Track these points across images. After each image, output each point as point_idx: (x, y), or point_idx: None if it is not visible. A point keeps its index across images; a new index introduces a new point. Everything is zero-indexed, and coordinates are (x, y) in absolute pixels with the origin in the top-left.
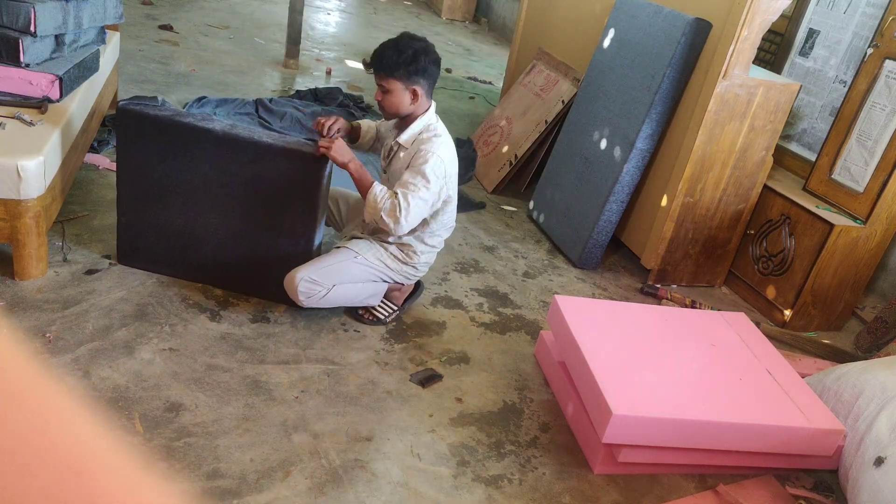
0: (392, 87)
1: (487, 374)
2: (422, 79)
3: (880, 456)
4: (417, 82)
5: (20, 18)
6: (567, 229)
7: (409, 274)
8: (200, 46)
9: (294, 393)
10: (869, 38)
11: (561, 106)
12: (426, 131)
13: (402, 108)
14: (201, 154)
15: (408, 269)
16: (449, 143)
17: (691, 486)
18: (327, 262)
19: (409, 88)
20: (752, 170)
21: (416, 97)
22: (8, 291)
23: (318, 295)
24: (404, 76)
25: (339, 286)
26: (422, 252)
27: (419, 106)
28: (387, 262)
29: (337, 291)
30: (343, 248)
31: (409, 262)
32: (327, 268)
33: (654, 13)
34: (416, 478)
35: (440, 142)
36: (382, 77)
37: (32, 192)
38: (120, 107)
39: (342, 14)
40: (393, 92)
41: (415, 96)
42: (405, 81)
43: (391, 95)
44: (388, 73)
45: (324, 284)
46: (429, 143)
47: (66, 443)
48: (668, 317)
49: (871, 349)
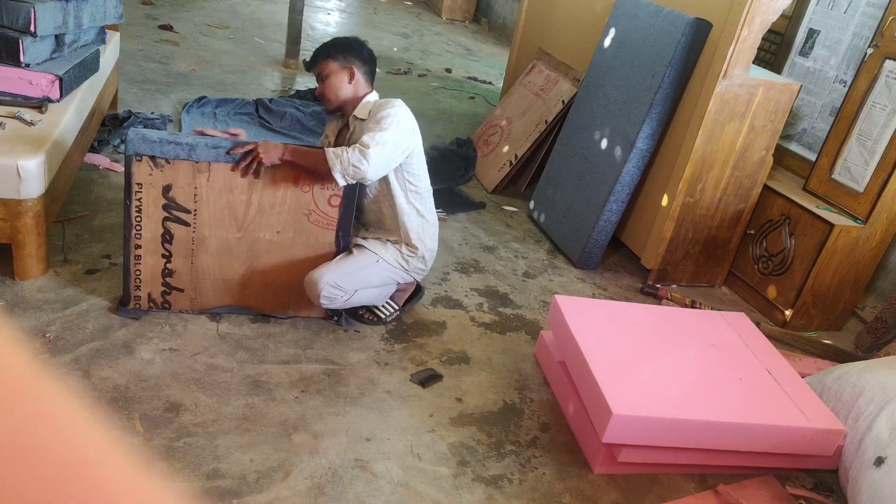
0: (327, 69)
1: (487, 374)
2: (357, 60)
3: (880, 456)
4: (352, 62)
5: (20, 18)
6: (567, 229)
7: (419, 269)
8: (200, 46)
9: (294, 393)
10: (869, 38)
11: (561, 106)
12: (378, 103)
13: (342, 90)
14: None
15: (418, 264)
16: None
17: (691, 486)
18: (352, 267)
19: (345, 68)
20: (752, 170)
21: (352, 76)
22: (8, 291)
23: (341, 300)
24: (339, 57)
25: (361, 291)
26: (425, 233)
27: (358, 87)
28: (402, 264)
29: (358, 295)
30: (363, 249)
31: (418, 254)
32: (352, 273)
33: (655, 13)
34: (416, 478)
35: (396, 103)
36: (319, 66)
37: (32, 192)
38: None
39: (342, 14)
40: (329, 75)
41: (351, 75)
42: (340, 61)
43: (329, 80)
44: (322, 57)
45: (347, 290)
46: (386, 107)
47: (66, 443)
48: (668, 317)
49: (871, 349)
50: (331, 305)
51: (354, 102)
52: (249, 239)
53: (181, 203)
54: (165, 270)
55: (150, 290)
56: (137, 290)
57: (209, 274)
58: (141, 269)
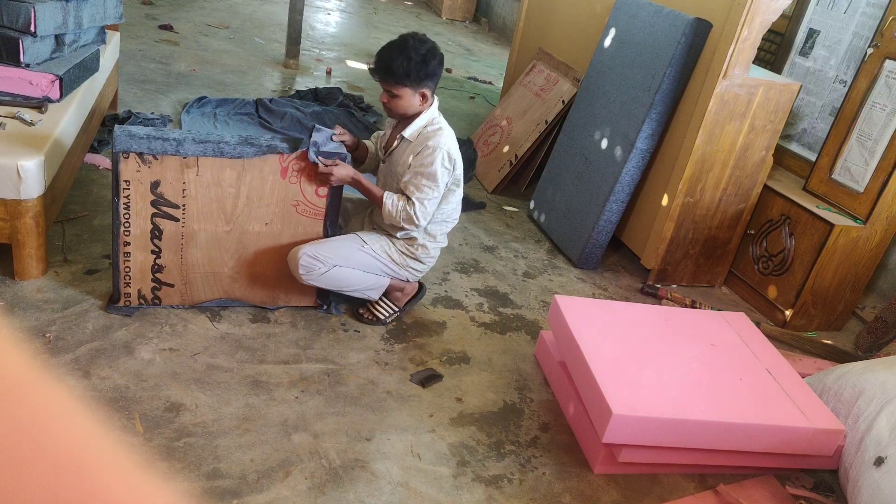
0: (401, 92)
1: (487, 374)
2: (430, 81)
3: (880, 456)
4: (427, 85)
5: (20, 18)
6: (567, 229)
7: (413, 269)
8: (200, 46)
9: (294, 393)
10: (869, 38)
11: (561, 106)
12: (430, 125)
13: (411, 110)
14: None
15: (413, 263)
16: (451, 135)
17: (691, 486)
18: (333, 244)
19: (419, 92)
20: (752, 170)
21: (424, 99)
22: (8, 291)
23: (318, 272)
24: (415, 82)
25: (341, 268)
26: (428, 245)
27: (427, 104)
28: (392, 256)
29: (337, 273)
30: (353, 234)
31: (415, 256)
32: (331, 248)
33: (655, 13)
34: (416, 478)
35: (443, 134)
36: (392, 86)
37: (32, 192)
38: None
39: (342, 14)
40: (402, 97)
41: (423, 98)
42: (415, 87)
43: (400, 100)
44: (397, 80)
45: (325, 262)
46: (434, 137)
47: (66, 443)
48: (669, 317)
49: (871, 349)
50: (309, 277)
51: (414, 115)
52: (238, 231)
53: (169, 199)
54: (155, 266)
55: (141, 287)
56: (127, 287)
57: (199, 268)
58: (130, 265)
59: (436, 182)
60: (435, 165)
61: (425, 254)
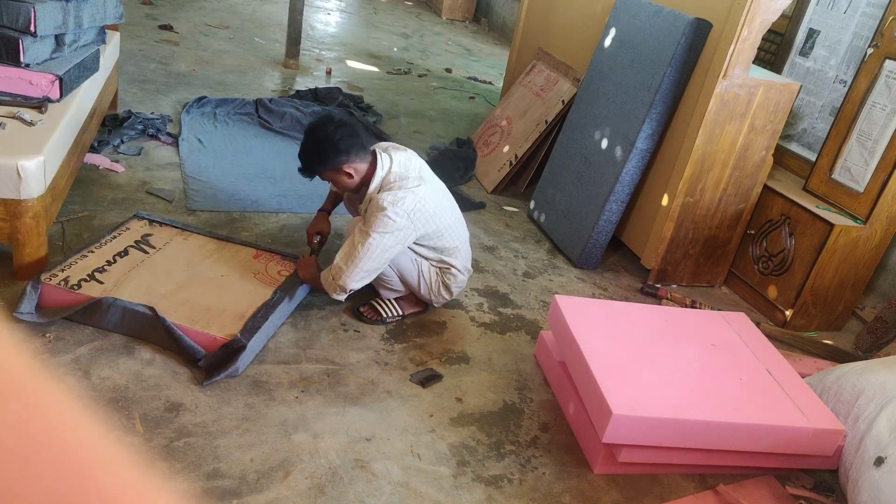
0: (328, 177)
1: (487, 374)
2: (341, 156)
3: (880, 456)
4: (342, 163)
5: (20, 18)
6: (567, 229)
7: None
8: (200, 46)
9: (294, 393)
10: (869, 38)
11: (561, 106)
12: (386, 184)
13: (351, 185)
14: None
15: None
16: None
17: (691, 486)
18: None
19: (343, 172)
20: (752, 170)
21: (351, 174)
22: (8, 291)
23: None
24: (329, 168)
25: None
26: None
27: (361, 173)
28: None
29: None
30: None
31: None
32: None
33: (655, 13)
34: (416, 478)
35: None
36: (314, 176)
37: (32, 192)
38: None
39: (342, 14)
40: (334, 180)
41: (350, 174)
42: (332, 171)
43: (335, 183)
44: (315, 172)
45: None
46: (388, 191)
47: (66, 443)
48: (669, 317)
49: (871, 349)
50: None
51: (366, 182)
52: (194, 271)
53: (151, 242)
54: (101, 268)
55: (70, 275)
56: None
57: (140, 280)
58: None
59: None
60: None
61: (455, 282)
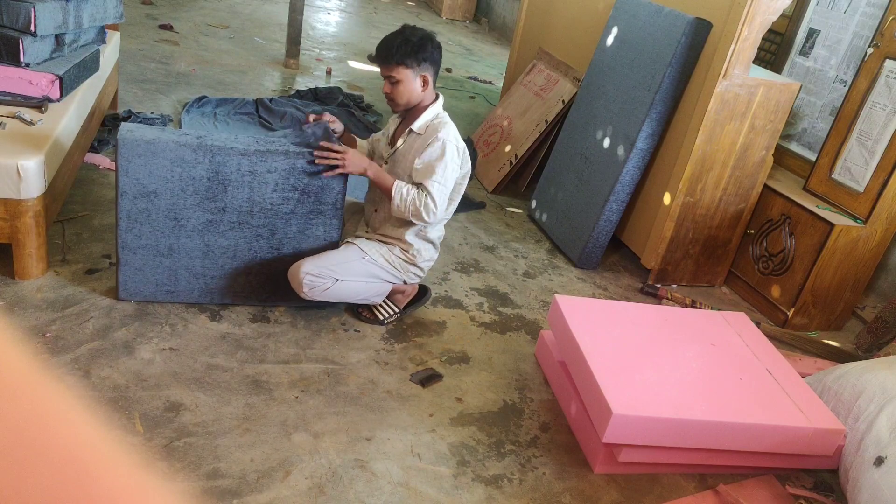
0: (402, 75)
1: (487, 374)
2: (429, 65)
3: (880, 456)
4: (426, 69)
5: (20, 18)
6: (567, 229)
7: (413, 273)
8: (200, 46)
9: (294, 393)
10: (869, 38)
11: (561, 105)
12: (438, 119)
13: (414, 95)
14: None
15: (412, 268)
16: (457, 131)
17: (691, 486)
18: (334, 259)
19: (420, 75)
20: (752, 169)
21: (426, 84)
22: (8, 291)
23: (321, 288)
24: (414, 63)
25: (343, 282)
26: (424, 250)
27: (428, 94)
28: (393, 263)
29: (340, 287)
30: (352, 245)
31: (414, 262)
32: (332, 263)
33: (655, 13)
34: (416, 478)
35: (452, 128)
36: (391, 67)
37: (32, 191)
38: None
39: (342, 14)
40: (403, 81)
41: (425, 83)
42: (415, 68)
43: (402, 85)
44: (397, 61)
45: (328, 278)
46: (444, 129)
47: (65, 443)
48: (669, 317)
49: (871, 349)
50: (313, 294)
51: (420, 109)
52: None
53: None
54: None
55: None
56: None
57: None
58: None
59: (446, 171)
60: (447, 157)
61: (422, 259)
